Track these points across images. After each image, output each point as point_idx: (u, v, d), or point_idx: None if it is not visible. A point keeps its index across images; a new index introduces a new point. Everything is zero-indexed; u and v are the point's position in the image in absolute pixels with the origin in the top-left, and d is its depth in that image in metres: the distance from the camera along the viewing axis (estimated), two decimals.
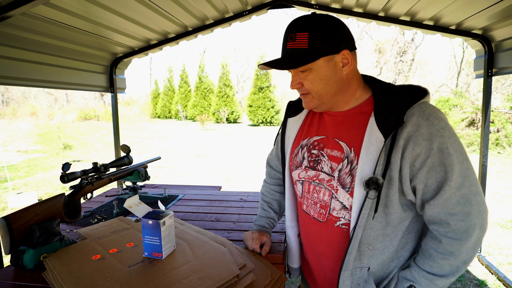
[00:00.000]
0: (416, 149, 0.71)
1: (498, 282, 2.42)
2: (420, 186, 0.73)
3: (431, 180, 0.71)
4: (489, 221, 3.31)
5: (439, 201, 0.71)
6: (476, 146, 8.77)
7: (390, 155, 0.73)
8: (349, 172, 0.79)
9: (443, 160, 0.70)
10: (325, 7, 2.61)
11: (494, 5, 1.96)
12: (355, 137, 0.80)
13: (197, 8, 2.42)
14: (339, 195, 0.82)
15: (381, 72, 19.50)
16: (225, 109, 22.89)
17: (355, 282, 0.83)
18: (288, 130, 1.01)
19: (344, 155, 0.81)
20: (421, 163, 0.71)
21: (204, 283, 0.82)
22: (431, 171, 0.71)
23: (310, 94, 0.83)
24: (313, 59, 0.76)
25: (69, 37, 2.28)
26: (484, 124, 2.60)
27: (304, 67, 0.78)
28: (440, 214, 0.72)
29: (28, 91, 34.21)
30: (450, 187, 0.69)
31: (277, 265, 1.08)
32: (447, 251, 0.73)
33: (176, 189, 2.17)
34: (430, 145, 0.70)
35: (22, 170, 7.38)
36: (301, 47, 0.77)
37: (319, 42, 0.76)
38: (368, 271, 0.82)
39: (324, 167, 0.85)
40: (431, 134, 0.70)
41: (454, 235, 0.72)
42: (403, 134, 0.72)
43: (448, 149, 0.70)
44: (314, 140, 0.91)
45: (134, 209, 1.02)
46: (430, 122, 0.71)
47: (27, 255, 1.00)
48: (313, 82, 0.80)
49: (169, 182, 6.49)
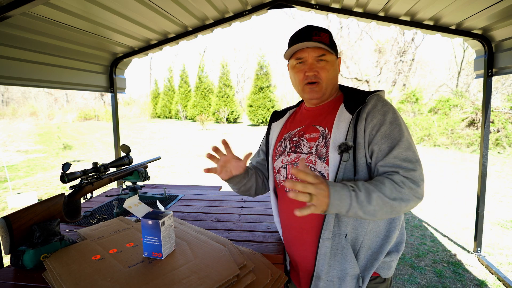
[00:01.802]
0: (374, 120, 0.91)
1: (498, 282, 2.42)
2: (376, 148, 0.90)
3: (384, 146, 0.89)
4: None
5: (390, 157, 0.87)
6: (476, 146, 8.77)
7: (356, 125, 0.92)
8: (324, 144, 0.96)
9: (393, 129, 0.89)
10: (325, 7, 2.60)
11: (494, 5, 1.96)
12: (329, 120, 0.99)
13: (197, 8, 2.42)
14: (317, 165, 0.96)
15: (381, 72, 19.49)
16: (225, 109, 22.90)
17: (334, 247, 0.93)
18: (272, 132, 1.18)
19: (320, 134, 0.99)
20: (377, 130, 0.90)
21: (204, 283, 0.82)
22: (384, 138, 0.89)
23: (321, 83, 1.00)
24: (333, 53, 0.99)
25: (69, 37, 2.28)
26: (484, 124, 2.60)
27: (326, 56, 0.98)
28: (391, 168, 0.86)
29: (28, 91, 34.21)
30: (400, 148, 0.87)
31: (277, 265, 1.08)
32: (398, 180, 0.83)
33: (176, 189, 2.17)
34: (383, 117, 0.91)
35: (22, 170, 7.38)
36: (325, 42, 0.97)
37: (334, 44, 1.01)
38: (346, 238, 0.92)
39: (303, 149, 1.01)
40: (385, 111, 0.92)
41: (398, 180, 0.83)
42: (365, 110, 0.93)
43: (398, 121, 0.91)
44: (295, 131, 1.07)
45: (134, 209, 1.02)
46: (384, 103, 0.94)
47: (27, 255, 1.00)
48: (328, 72, 0.99)
49: (169, 182, 6.49)
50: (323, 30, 0.99)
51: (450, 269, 2.65)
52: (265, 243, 1.21)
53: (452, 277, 2.52)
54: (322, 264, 0.93)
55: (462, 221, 3.79)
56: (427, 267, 2.68)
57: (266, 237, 1.26)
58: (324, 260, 0.93)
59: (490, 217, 3.87)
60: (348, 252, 0.92)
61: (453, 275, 2.55)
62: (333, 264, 0.93)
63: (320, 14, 2.68)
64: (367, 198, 0.80)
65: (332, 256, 0.93)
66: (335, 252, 0.93)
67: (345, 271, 0.92)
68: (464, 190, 5.17)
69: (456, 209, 4.23)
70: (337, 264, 0.93)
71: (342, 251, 0.92)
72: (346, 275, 0.92)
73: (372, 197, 0.80)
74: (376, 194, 0.80)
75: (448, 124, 9.97)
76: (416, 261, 2.79)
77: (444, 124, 10.04)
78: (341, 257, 0.92)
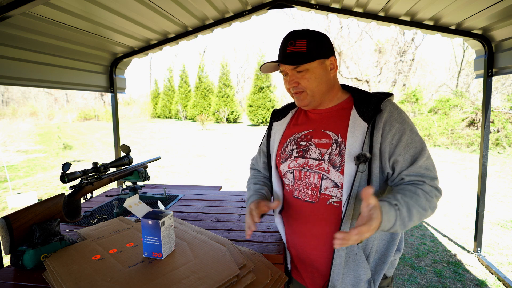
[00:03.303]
0: (393, 129, 0.89)
1: (498, 282, 2.42)
2: (400, 158, 0.89)
3: (407, 155, 0.89)
4: (493, 222, 3.27)
5: (415, 166, 0.88)
6: (476, 146, 8.77)
7: (372, 135, 0.89)
8: (338, 153, 0.93)
9: (414, 138, 0.89)
10: (325, 7, 2.60)
11: (494, 5, 1.96)
12: (341, 126, 0.95)
13: (197, 8, 2.42)
14: (330, 174, 0.93)
15: (381, 72, 19.47)
16: (225, 109, 22.88)
17: (347, 255, 0.93)
18: (274, 133, 1.13)
19: (332, 141, 0.95)
20: (398, 139, 0.89)
21: (204, 283, 0.82)
22: (407, 147, 0.89)
23: (305, 91, 0.97)
24: (311, 60, 0.92)
25: (69, 37, 2.28)
26: (484, 124, 2.60)
27: (303, 66, 0.93)
28: (417, 177, 0.88)
29: (28, 91, 34.22)
30: (423, 157, 0.88)
31: (277, 265, 1.08)
32: (428, 190, 0.86)
33: (176, 189, 2.17)
34: (402, 126, 0.90)
35: (22, 170, 7.38)
36: (300, 50, 0.92)
37: (315, 47, 0.93)
38: (358, 245, 0.92)
39: (312, 154, 0.98)
40: (402, 119, 0.91)
41: (427, 188, 0.87)
42: (382, 119, 0.90)
43: (414, 128, 0.91)
44: (302, 134, 1.03)
45: (134, 209, 1.02)
46: (399, 111, 0.92)
47: (27, 255, 1.00)
48: (309, 80, 0.95)
49: (169, 182, 6.49)
50: (301, 35, 0.92)
51: (450, 269, 2.65)
52: (265, 243, 1.21)
53: (452, 277, 2.52)
54: (337, 273, 0.93)
55: (462, 221, 3.78)
56: (427, 267, 2.68)
57: (266, 237, 1.26)
58: (339, 270, 0.93)
59: (490, 217, 3.87)
60: (361, 258, 0.92)
61: (453, 275, 2.55)
62: (346, 272, 0.93)
63: (320, 14, 2.68)
64: (408, 214, 0.81)
65: (346, 264, 0.93)
66: (348, 260, 0.93)
67: (358, 278, 0.93)
68: (464, 190, 5.17)
69: (456, 209, 4.23)
70: (350, 271, 0.93)
71: (355, 258, 0.93)
72: (360, 281, 0.93)
73: (412, 213, 0.82)
74: (416, 209, 0.82)
75: (448, 124, 9.97)
76: (416, 261, 2.79)
77: (444, 124, 10.04)
78: (354, 264, 0.93)
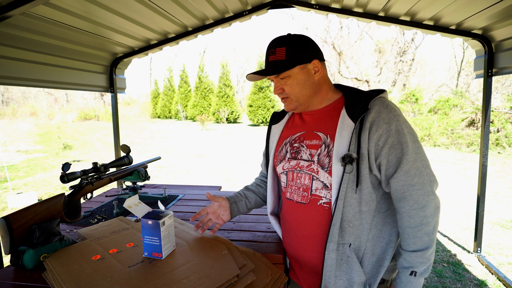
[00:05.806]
0: (379, 130, 0.88)
1: (498, 282, 2.42)
2: (384, 161, 0.88)
3: (392, 156, 0.88)
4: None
5: (401, 173, 0.87)
6: (476, 146, 8.77)
7: (360, 135, 0.89)
8: (326, 154, 0.94)
9: (400, 139, 0.87)
10: (325, 7, 2.60)
11: (494, 5, 1.96)
12: (330, 126, 0.96)
13: (197, 8, 2.42)
14: (320, 175, 0.95)
15: (381, 72, 19.47)
16: (225, 109, 22.88)
17: (339, 258, 0.93)
18: (272, 135, 1.17)
19: (322, 142, 0.96)
20: (384, 142, 0.88)
21: (204, 283, 0.82)
22: (391, 149, 0.87)
23: (290, 97, 1.00)
24: (290, 67, 0.94)
25: (69, 37, 2.28)
26: (484, 124, 2.60)
27: (284, 74, 0.95)
28: (403, 187, 0.87)
29: (28, 91, 34.21)
30: (407, 161, 0.86)
31: (277, 265, 1.08)
32: (418, 222, 0.87)
33: (176, 189, 2.17)
34: (389, 127, 0.87)
35: (22, 170, 7.38)
36: (280, 58, 0.94)
37: (294, 54, 0.94)
38: (350, 247, 0.92)
39: (303, 155, 1.00)
40: (390, 119, 0.88)
41: (418, 206, 0.86)
42: (369, 119, 0.89)
43: (403, 130, 0.88)
44: (296, 136, 1.06)
45: (134, 209, 1.02)
46: (388, 110, 0.89)
47: (27, 255, 1.00)
48: (292, 86, 0.97)
49: (169, 182, 6.49)
50: (281, 43, 0.94)
51: (450, 269, 2.65)
52: (265, 243, 1.21)
53: (452, 277, 2.52)
54: (329, 276, 0.93)
55: (462, 221, 3.78)
56: None
57: (266, 237, 1.26)
58: (330, 272, 0.93)
59: (490, 217, 3.87)
60: (354, 261, 0.92)
61: (453, 275, 2.55)
62: (339, 275, 0.93)
63: (320, 14, 2.68)
64: (425, 261, 0.87)
65: (338, 266, 0.93)
66: (340, 262, 0.93)
67: (351, 280, 0.92)
68: (464, 190, 5.17)
69: (456, 209, 4.23)
70: (343, 274, 0.93)
71: (347, 261, 0.92)
72: (353, 284, 0.92)
73: (426, 255, 0.87)
74: (426, 246, 0.87)
75: (448, 124, 9.97)
76: None
77: (444, 124, 10.04)
78: (347, 267, 0.93)
